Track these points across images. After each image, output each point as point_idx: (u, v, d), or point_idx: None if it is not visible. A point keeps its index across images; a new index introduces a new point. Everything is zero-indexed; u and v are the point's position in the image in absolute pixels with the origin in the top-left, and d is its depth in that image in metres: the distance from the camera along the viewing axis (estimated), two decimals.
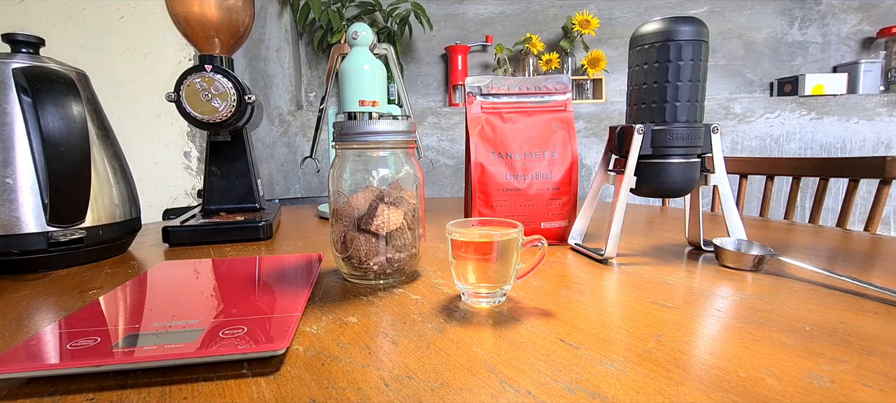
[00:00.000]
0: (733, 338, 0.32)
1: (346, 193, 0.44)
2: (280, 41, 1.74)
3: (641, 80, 0.51)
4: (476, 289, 0.39)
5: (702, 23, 0.49)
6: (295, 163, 1.72)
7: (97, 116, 0.59)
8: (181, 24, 0.70)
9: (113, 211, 0.58)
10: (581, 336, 0.33)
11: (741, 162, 1.07)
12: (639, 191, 0.54)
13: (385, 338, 0.33)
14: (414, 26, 1.82)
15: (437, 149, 1.73)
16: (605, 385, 0.26)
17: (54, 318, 0.38)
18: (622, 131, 0.53)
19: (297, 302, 0.37)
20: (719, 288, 0.42)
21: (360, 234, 0.43)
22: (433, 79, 1.96)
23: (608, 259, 0.52)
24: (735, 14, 1.90)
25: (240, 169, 0.77)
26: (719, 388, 0.25)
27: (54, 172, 0.50)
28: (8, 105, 0.51)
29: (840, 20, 1.90)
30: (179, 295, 0.40)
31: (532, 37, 1.80)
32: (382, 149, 0.44)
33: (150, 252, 0.63)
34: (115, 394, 0.26)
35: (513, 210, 0.61)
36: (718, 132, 0.52)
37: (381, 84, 0.74)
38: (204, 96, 0.66)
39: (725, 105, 1.67)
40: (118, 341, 0.30)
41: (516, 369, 0.28)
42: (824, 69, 1.92)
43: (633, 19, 1.92)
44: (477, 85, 0.64)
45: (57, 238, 0.52)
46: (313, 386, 0.26)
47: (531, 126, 0.63)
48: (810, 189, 1.68)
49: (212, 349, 0.28)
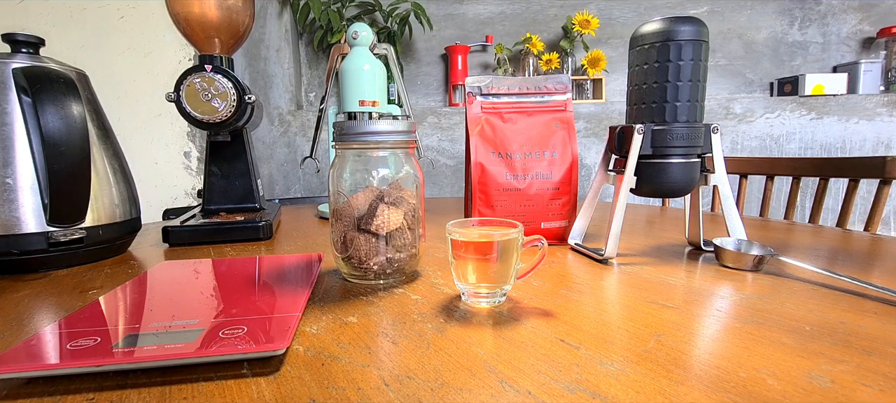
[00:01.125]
0: (733, 338, 0.32)
1: (346, 193, 0.44)
2: (280, 41, 1.74)
3: (641, 80, 0.51)
4: (476, 289, 0.39)
5: (702, 23, 0.49)
6: (295, 163, 1.72)
7: (97, 116, 0.59)
8: (181, 24, 0.70)
9: (113, 211, 0.58)
10: (581, 336, 0.33)
11: (741, 162, 1.07)
12: (639, 191, 0.54)
13: (385, 338, 0.33)
14: (414, 26, 1.82)
15: (437, 149, 1.73)
16: (605, 385, 0.26)
17: (54, 318, 0.38)
18: (622, 131, 0.53)
19: (297, 302, 0.37)
20: (719, 288, 0.42)
21: (360, 234, 0.43)
22: (433, 79, 1.96)
23: (608, 259, 0.52)
24: (735, 14, 1.90)
25: (240, 169, 0.77)
26: (719, 388, 0.25)
27: (54, 172, 0.50)
28: (8, 105, 0.51)
29: (840, 20, 1.90)
30: (179, 295, 0.40)
31: (532, 37, 1.81)
32: (382, 149, 0.44)
33: (150, 252, 0.63)
34: (115, 394, 0.26)
35: (513, 210, 0.61)
36: (718, 132, 0.52)
37: (381, 84, 0.74)
38: (204, 96, 0.66)
39: (725, 105, 1.67)
40: (118, 341, 0.30)
41: (516, 369, 0.28)
42: (824, 69, 1.92)
43: (633, 19, 1.92)
44: (477, 85, 0.64)
45: (57, 238, 0.52)
46: (313, 386, 0.26)
47: (531, 126, 0.63)
48: (810, 189, 1.68)
49: (212, 349, 0.28)
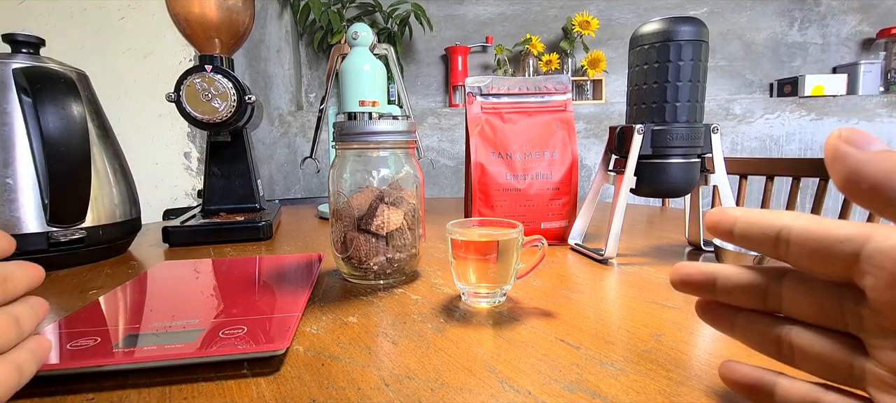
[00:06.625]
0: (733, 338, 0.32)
1: (347, 193, 0.44)
2: (280, 42, 1.74)
3: (641, 81, 0.51)
4: (476, 289, 0.39)
5: (702, 23, 0.49)
6: (295, 164, 1.72)
7: (97, 117, 0.59)
8: (181, 25, 0.70)
9: (113, 211, 0.58)
10: (581, 336, 0.33)
11: (741, 162, 1.07)
12: (639, 191, 0.54)
13: (385, 338, 0.33)
14: (414, 27, 1.82)
15: (437, 149, 1.73)
16: (605, 385, 0.26)
17: (54, 318, 0.38)
18: (622, 131, 0.53)
19: (297, 302, 0.37)
20: None
21: (360, 234, 0.43)
22: (433, 79, 1.96)
23: (608, 259, 0.52)
24: (735, 15, 1.90)
25: (240, 169, 0.77)
26: (719, 388, 0.25)
27: (54, 172, 0.50)
28: (8, 105, 0.51)
29: (840, 21, 1.90)
30: (179, 295, 0.40)
31: (532, 37, 1.81)
32: (382, 150, 0.44)
33: (151, 252, 0.62)
34: (115, 394, 0.26)
35: (513, 210, 0.61)
36: (718, 132, 0.52)
37: (381, 84, 0.74)
38: (204, 96, 0.66)
39: (725, 105, 1.67)
40: (118, 341, 0.30)
41: (516, 369, 0.28)
42: (824, 70, 1.92)
43: (633, 20, 1.92)
44: (477, 85, 0.64)
45: (57, 238, 0.52)
46: (313, 386, 0.26)
47: (531, 126, 0.63)
48: (810, 189, 1.68)
49: (212, 349, 0.28)
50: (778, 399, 0.20)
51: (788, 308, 0.20)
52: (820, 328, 0.19)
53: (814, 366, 0.19)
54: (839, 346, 0.18)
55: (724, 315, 0.23)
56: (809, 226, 0.17)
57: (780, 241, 0.18)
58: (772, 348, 0.21)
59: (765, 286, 0.21)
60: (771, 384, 0.21)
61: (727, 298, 0.22)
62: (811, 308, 0.19)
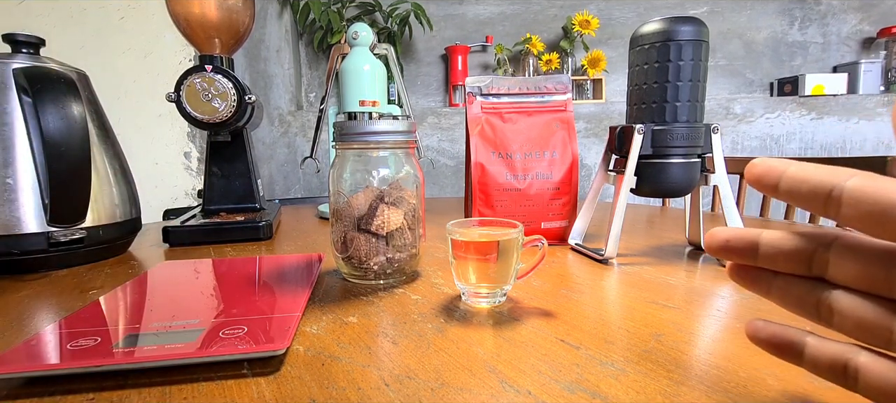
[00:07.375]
0: (733, 338, 0.32)
1: (347, 193, 0.44)
2: (280, 41, 1.74)
3: (641, 80, 0.51)
4: (476, 289, 0.39)
5: (702, 23, 0.49)
6: (295, 164, 1.72)
7: (97, 116, 0.59)
8: (181, 25, 0.70)
9: (113, 211, 0.58)
10: (581, 336, 0.33)
11: (741, 162, 1.07)
12: (639, 191, 0.54)
13: (385, 338, 0.33)
14: (414, 27, 1.82)
15: (437, 149, 1.73)
16: (605, 385, 0.26)
17: (54, 318, 0.38)
18: (622, 131, 0.53)
19: (298, 302, 0.37)
20: (719, 288, 0.42)
21: (360, 234, 0.43)
22: (433, 79, 1.96)
23: (608, 259, 0.52)
24: (735, 14, 1.90)
25: (240, 169, 0.77)
26: (719, 388, 0.25)
27: (54, 172, 0.50)
28: (8, 105, 0.51)
29: (840, 20, 1.90)
30: (179, 295, 0.40)
31: (532, 37, 1.81)
32: (382, 149, 0.44)
33: (151, 252, 0.63)
34: (115, 394, 0.26)
35: (513, 210, 0.61)
36: (719, 132, 0.52)
37: (381, 84, 0.74)
38: (204, 96, 0.66)
39: (725, 105, 1.67)
40: (118, 341, 0.30)
41: (516, 369, 0.28)
42: (824, 69, 1.92)
43: (633, 19, 1.92)
44: (477, 85, 0.64)
45: (57, 238, 0.52)
46: (313, 386, 0.26)
47: (531, 126, 0.63)
48: None
49: (212, 349, 0.28)
50: (807, 357, 0.20)
51: (834, 274, 0.19)
52: (863, 293, 0.19)
53: (851, 329, 0.19)
54: (882, 311, 0.18)
55: (761, 278, 0.22)
56: (865, 187, 0.17)
57: (831, 200, 0.17)
58: (810, 310, 0.20)
59: (811, 252, 0.20)
60: (800, 343, 0.20)
61: (769, 264, 0.21)
62: (858, 274, 0.19)
